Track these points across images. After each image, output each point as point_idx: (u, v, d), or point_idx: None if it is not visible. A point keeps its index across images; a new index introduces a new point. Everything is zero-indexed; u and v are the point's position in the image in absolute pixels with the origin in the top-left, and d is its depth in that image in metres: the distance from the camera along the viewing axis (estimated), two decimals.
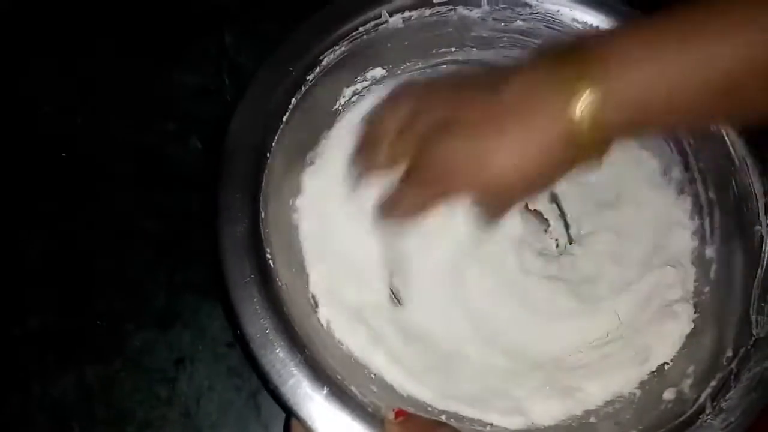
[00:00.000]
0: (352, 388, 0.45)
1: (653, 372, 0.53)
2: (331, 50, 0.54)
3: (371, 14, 0.56)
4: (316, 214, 0.56)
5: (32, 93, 0.65)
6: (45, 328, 0.56)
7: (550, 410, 0.51)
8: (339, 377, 0.45)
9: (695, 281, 0.57)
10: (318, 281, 0.53)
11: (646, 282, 0.58)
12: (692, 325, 0.54)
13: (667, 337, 0.53)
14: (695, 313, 0.55)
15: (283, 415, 0.52)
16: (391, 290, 0.59)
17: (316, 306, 0.52)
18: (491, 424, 0.50)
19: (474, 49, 0.62)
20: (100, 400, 0.53)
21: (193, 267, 0.58)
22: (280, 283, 0.48)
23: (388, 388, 0.50)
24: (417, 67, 0.63)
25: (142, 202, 0.61)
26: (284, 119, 0.52)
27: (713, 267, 0.55)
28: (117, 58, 0.67)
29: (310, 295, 0.53)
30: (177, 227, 0.60)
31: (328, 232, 0.56)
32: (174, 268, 0.58)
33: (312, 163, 0.58)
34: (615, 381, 0.53)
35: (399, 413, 0.43)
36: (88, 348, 0.55)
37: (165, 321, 0.56)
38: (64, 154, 0.62)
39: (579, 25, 0.60)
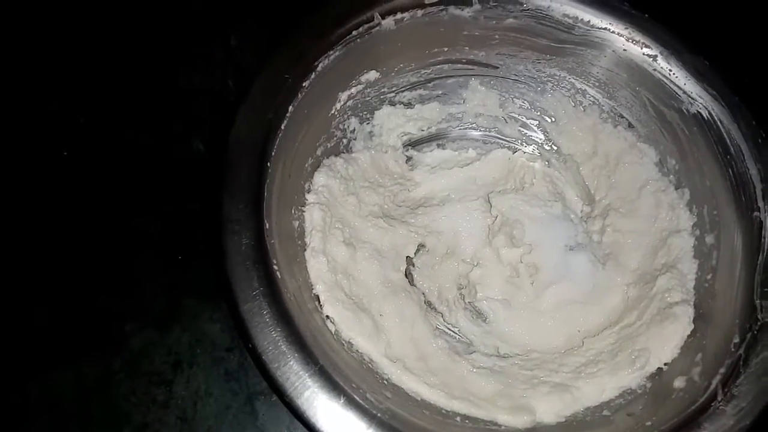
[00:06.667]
0: (368, 395, 0.44)
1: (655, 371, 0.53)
2: (325, 56, 0.54)
3: (364, 17, 0.56)
4: (320, 217, 0.55)
5: (35, 92, 0.63)
6: (44, 329, 0.55)
7: (553, 408, 0.51)
8: (354, 385, 0.45)
9: (696, 273, 0.57)
10: (319, 276, 0.53)
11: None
12: (692, 326, 0.53)
13: (666, 340, 0.53)
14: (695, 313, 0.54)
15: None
16: (405, 272, 0.61)
17: (320, 305, 0.52)
18: (502, 425, 0.50)
19: (466, 47, 0.62)
20: (97, 402, 0.52)
21: (195, 270, 0.57)
22: (288, 294, 0.47)
23: (401, 393, 0.50)
24: (410, 68, 0.63)
25: (144, 203, 0.60)
26: (282, 127, 0.51)
27: (714, 254, 0.56)
28: (121, 58, 0.66)
29: (313, 295, 0.52)
30: (179, 229, 0.59)
31: (333, 232, 0.56)
32: (175, 270, 0.57)
33: (313, 168, 0.58)
34: (614, 383, 0.53)
35: None
36: (87, 349, 0.54)
37: (164, 324, 0.56)
38: (65, 153, 0.61)
39: (569, 20, 0.60)
